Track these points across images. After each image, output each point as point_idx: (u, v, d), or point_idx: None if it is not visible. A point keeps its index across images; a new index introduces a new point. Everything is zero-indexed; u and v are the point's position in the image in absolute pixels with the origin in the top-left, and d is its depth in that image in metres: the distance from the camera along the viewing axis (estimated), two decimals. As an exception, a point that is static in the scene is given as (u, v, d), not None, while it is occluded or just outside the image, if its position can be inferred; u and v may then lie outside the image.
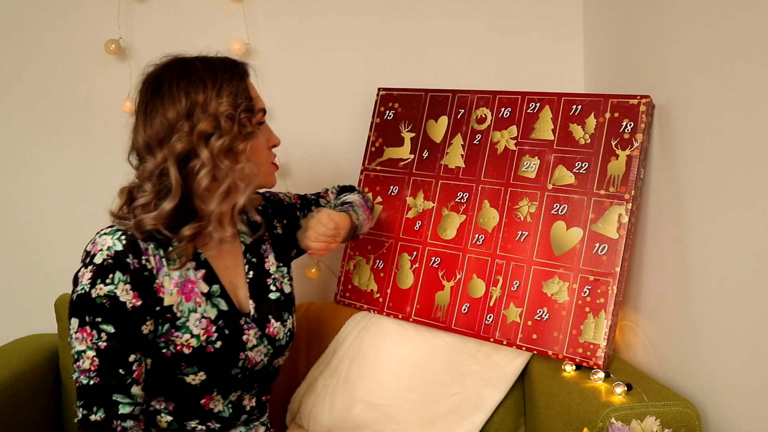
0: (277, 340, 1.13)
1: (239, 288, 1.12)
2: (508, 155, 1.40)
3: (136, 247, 0.98)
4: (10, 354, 1.40)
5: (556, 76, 1.69)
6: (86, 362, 0.94)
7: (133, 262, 0.97)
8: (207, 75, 1.02)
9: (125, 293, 0.96)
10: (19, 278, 1.67)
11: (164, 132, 0.99)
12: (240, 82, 1.05)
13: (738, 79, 1.04)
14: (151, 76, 1.04)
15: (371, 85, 1.62)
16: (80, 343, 0.95)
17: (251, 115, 1.05)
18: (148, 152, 1.01)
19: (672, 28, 1.23)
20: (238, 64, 1.08)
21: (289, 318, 1.17)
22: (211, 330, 1.03)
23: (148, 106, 1.01)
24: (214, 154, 1.00)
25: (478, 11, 1.69)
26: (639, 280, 1.36)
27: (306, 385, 1.44)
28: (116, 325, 0.95)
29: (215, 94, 1.01)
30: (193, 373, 1.03)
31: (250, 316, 1.11)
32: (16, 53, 1.62)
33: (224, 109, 1.01)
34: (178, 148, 0.99)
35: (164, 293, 1.00)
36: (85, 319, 0.95)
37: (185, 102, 1.00)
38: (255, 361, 1.10)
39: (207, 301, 1.05)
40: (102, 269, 0.95)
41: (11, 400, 1.28)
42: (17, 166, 1.64)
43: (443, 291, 1.40)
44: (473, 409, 1.39)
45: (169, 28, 1.64)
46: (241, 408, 1.12)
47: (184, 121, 0.99)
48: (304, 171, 1.71)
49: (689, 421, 1.09)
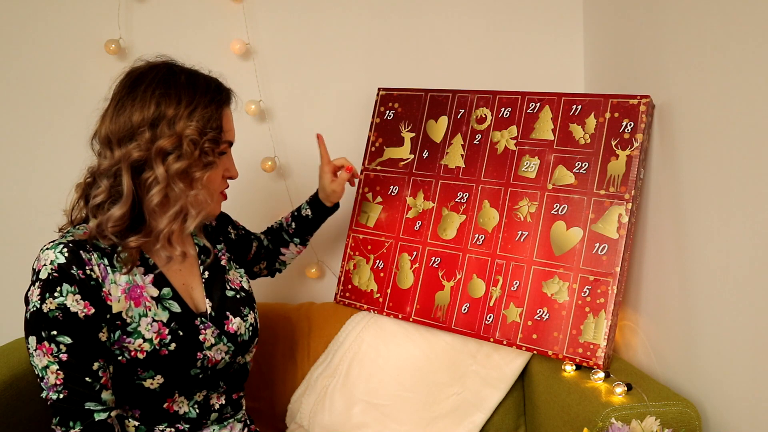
0: (238, 336, 1.12)
1: (194, 289, 1.11)
2: (508, 155, 1.40)
3: (79, 258, 0.97)
4: (10, 354, 1.40)
5: (556, 76, 1.69)
6: (51, 377, 0.94)
7: (78, 273, 0.96)
8: (186, 92, 1.01)
9: (75, 303, 0.95)
10: (19, 278, 1.67)
11: (125, 133, 0.99)
12: (216, 110, 1.03)
13: (738, 79, 1.04)
14: (134, 71, 1.03)
15: (371, 85, 1.63)
16: (41, 359, 0.94)
17: (215, 146, 1.04)
18: (107, 146, 1.00)
19: (672, 28, 1.23)
20: (222, 90, 1.06)
21: (250, 313, 1.16)
22: (164, 333, 1.02)
23: (119, 102, 1.01)
24: (169, 174, 0.99)
25: (478, 11, 1.69)
26: (639, 280, 1.36)
27: (306, 385, 1.44)
28: (72, 336, 0.95)
29: (187, 113, 1.00)
30: (150, 378, 1.02)
31: (206, 316, 1.10)
32: (16, 53, 1.62)
33: (190, 132, 0.99)
34: (134, 156, 0.98)
35: (111, 300, 0.99)
36: (42, 334, 0.94)
37: (153, 111, 0.98)
38: (215, 359, 1.08)
39: (157, 305, 1.04)
40: (49, 283, 0.95)
41: (11, 400, 1.28)
42: (17, 166, 1.64)
43: (443, 291, 1.40)
44: (473, 409, 1.39)
45: (169, 28, 1.64)
46: (209, 407, 1.11)
47: (146, 129, 0.98)
48: (304, 171, 1.71)
49: (689, 421, 1.09)
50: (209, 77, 1.06)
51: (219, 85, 1.07)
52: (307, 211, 1.43)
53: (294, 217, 1.44)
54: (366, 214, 1.53)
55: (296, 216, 1.44)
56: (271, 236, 1.45)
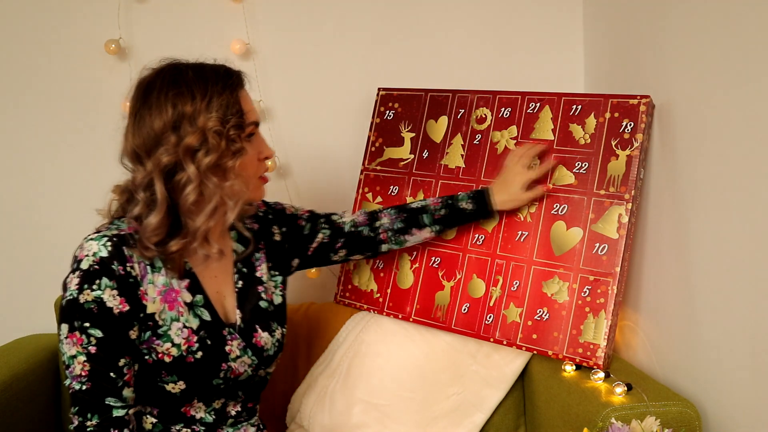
0: (264, 351, 1.11)
1: (227, 297, 1.11)
2: (508, 155, 1.40)
3: (121, 254, 0.98)
4: (10, 354, 1.40)
5: (556, 76, 1.69)
6: (78, 367, 0.95)
7: (118, 269, 0.97)
8: (197, 86, 1.00)
9: (112, 298, 0.96)
10: (19, 278, 1.67)
11: (151, 143, 0.98)
12: (232, 95, 1.02)
13: (738, 79, 1.04)
14: (143, 81, 1.03)
15: (371, 85, 1.62)
16: (70, 347, 0.95)
17: (241, 131, 1.03)
18: (137, 161, 1.00)
19: (672, 28, 1.23)
20: (232, 74, 1.05)
21: (278, 328, 1.15)
22: (192, 340, 1.02)
23: (137, 114, 1.00)
24: (200, 171, 0.99)
25: (478, 11, 1.69)
26: (639, 280, 1.36)
27: (306, 385, 1.44)
28: (104, 330, 0.95)
29: (204, 106, 0.99)
30: (173, 382, 1.02)
31: (235, 327, 1.09)
32: (16, 53, 1.62)
33: (212, 124, 0.98)
34: (163, 161, 0.98)
35: (147, 300, 1.00)
36: (74, 324, 0.95)
37: (172, 113, 0.98)
38: (238, 371, 1.08)
39: (189, 311, 1.04)
40: (89, 275, 0.95)
41: (11, 400, 1.28)
42: (17, 166, 1.64)
43: (443, 291, 1.40)
44: (473, 409, 1.39)
45: (169, 28, 1.64)
46: (225, 414, 1.11)
47: (170, 133, 0.98)
48: (304, 171, 1.71)
49: (689, 421, 1.09)
50: (216, 65, 1.05)
51: (228, 69, 1.05)
52: (468, 204, 1.31)
53: (446, 205, 1.31)
54: (366, 214, 1.53)
55: (449, 204, 1.31)
56: (407, 215, 1.32)
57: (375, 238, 1.32)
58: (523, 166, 1.31)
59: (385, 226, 1.32)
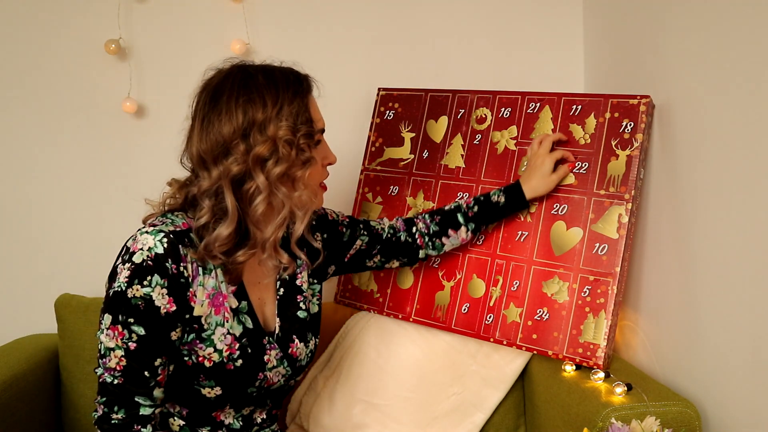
0: (297, 361, 1.10)
1: (267, 304, 1.09)
2: (508, 155, 1.40)
3: (176, 252, 0.95)
4: (10, 354, 1.40)
5: (556, 76, 1.69)
6: (113, 360, 0.94)
7: (171, 267, 0.94)
8: (268, 92, 0.97)
9: (161, 297, 0.94)
10: (19, 278, 1.67)
11: (219, 149, 0.96)
12: (302, 102, 1.00)
13: (738, 79, 1.04)
14: (211, 83, 1.00)
15: (371, 85, 1.62)
16: (110, 340, 0.94)
17: (310, 140, 1.00)
18: (202, 166, 0.98)
19: (672, 28, 1.23)
20: (302, 80, 1.03)
21: (312, 339, 1.14)
22: (234, 347, 1.01)
23: (205, 119, 0.98)
24: (270, 180, 0.97)
25: (479, 11, 1.69)
26: (639, 280, 1.36)
27: (306, 385, 1.44)
28: (147, 328, 0.94)
29: (275, 114, 0.96)
30: (210, 387, 1.01)
31: (273, 336, 1.08)
32: (16, 53, 1.62)
33: (283, 133, 0.96)
34: (234, 171, 0.96)
35: (195, 302, 0.98)
36: (119, 317, 0.93)
37: (242, 120, 0.95)
38: (273, 381, 1.07)
39: (234, 317, 1.02)
40: (141, 270, 0.93)
41: (11, 400, 1.28)
42: (17, 166, 1.64)
43: (443, 291, 1.40)
44: (473, 409, 1.39)
45: (169, 28, 1.64)
46: (252, 421, 1.11)
47: (240, 141, 0.95)
48: (304, 171, 1.71)
49: (689, 421, 1.09)
50: (284, 68, 1.03)
51: (297, 75, 1.03)
52: (500, 197, 1.30)
53: (478, 201, 1.31)
54: (366, 214, 1.53)
55: (481, 201, 1.30)
56: (441, 217, 1.31)
57: (413, 244, 1.31)
58: (546, 149, 1.30)
59: (421, 230, 1.32)
